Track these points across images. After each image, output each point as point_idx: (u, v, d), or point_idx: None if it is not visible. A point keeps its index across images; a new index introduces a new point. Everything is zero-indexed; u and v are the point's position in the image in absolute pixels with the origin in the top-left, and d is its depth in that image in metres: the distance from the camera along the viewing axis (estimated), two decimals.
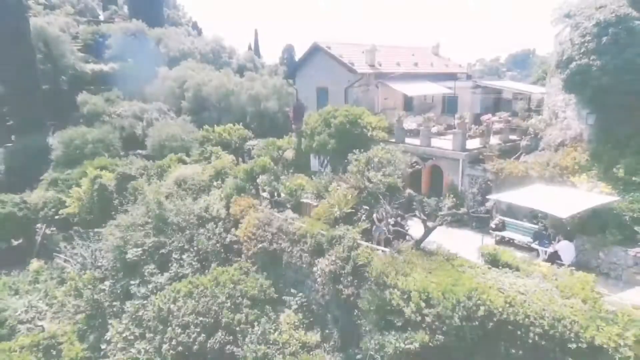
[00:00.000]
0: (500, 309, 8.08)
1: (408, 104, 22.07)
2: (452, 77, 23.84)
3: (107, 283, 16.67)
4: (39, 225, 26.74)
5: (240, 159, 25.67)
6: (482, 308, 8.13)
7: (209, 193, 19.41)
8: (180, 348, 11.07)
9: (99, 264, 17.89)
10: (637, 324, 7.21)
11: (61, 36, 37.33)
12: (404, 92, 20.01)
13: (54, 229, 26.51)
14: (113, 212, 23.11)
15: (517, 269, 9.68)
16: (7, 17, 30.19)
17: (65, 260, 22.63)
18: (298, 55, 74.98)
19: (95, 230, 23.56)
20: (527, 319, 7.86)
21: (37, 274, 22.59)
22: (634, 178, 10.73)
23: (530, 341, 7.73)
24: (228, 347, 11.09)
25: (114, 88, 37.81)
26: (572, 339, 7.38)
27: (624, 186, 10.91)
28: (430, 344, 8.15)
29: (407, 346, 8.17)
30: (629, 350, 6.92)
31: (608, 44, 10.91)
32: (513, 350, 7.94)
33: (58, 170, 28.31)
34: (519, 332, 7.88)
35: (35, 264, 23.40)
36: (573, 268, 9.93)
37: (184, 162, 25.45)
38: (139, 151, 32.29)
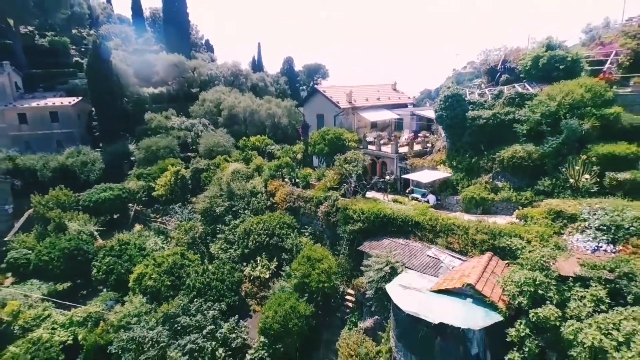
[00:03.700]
0: (388, 214, 21.31)
1: (373, 125, 35.39)
2: (403, 106, 37.24)
3: (200, 228, 29.77)
4: (130, 204, 39.69)
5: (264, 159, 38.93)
6: (382, 214, 21.37)
7: (253, 179, 32.59)
8: (257, 244, 24.32)
9: (194, 219, 31.08)
10: (426, 212, 20.44)
11: (127, 69, 50.31)
12: (369, 119, 33.36)
13: (141, 206, 39.49)
14: (187, 194, 36.51)
15: (403, 204, 23.04)
16: (98, 60, 43.16)
17: (160, 223, 35.72)
18: (297, 66, 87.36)
19: (171, 206, 36.73)
20: (397, 217, 21.06)
21: (139, 233, 35.58)
22: (459, 166, 24.09)
23: (397, 224, 20.97)
24: (279, 243, 24.33)
25: (169, 108, 50.69)
26: (410, 221, 20.62)
27: (455, 170, 24.27)
28: (362, 227, 21.48)
29: (354, 228, 21.54)
30: (425, 221, 20.16)
31: (449, 106, 24.23)
32: (393, 229, 21.21)
33: (140, 167, 41.26)
34: (394, 222, 21.10)
35: (137, 227, 36.40)
36: (431, 205, 23.20)
37: (228, 161, 38.61)
38: (189, 154, 45.36)
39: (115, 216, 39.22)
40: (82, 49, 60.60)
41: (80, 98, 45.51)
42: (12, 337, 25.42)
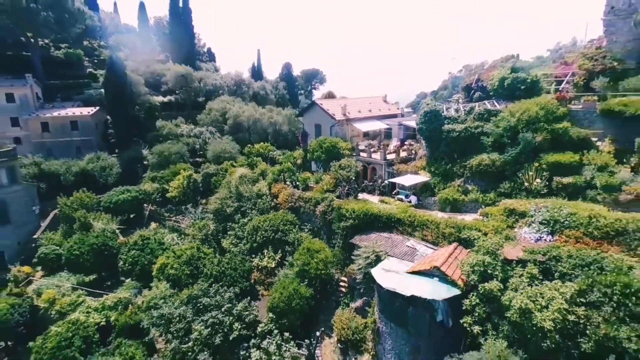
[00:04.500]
0: (375, 212, 25.36)
1: (365, 134, 39.49)
2: (393, 116, 41.37)
3: (212, 226, 33.73)
4: (145, 205, 43.52)
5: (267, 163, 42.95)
6: (370, 212, 25.42)
7: (258, 182, 36.57)
8: (264, 238, 28.32)
9: (206, 218, 35.02)
10: (407, 210, 24.48)
11: (139, 79, 54.26)
12: (362, 129, 37.47)
13: (156, 206, 43.33)
14: (198, 196, 40.44)
15: (388, 203, 27.11)
16: (114, 73, 47.08)
17: (174, 222, 39.62)
18: (295, 71, 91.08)
19: (184, 207, 40.64)
20: (383, 214, 25.11)
21: (155, 230, 39.42)
22: (436, 171, 28.19)
23: (383, 221, 25.03)
24: (283, 237, 28.33)
25: (178, 115, 54.64)
26: (393, 218, 24.65)
27: (433, 175, 28.37)
28: (353, 223, 25.51)
29: (346, 224, 25.57)
30: (405, 218, 24.18)
31: (427, 120, 28.36)
32: (379, 224, 25.24)
33: (154, 171, 45.15)
34: (379, 219, 25.14)
35: (153, 224, 40.29)
36: (413, 205, 27.25)
37: (234, 166, 42.59)
38: (198, 159, 49.31)
39: (131, 216, 43.03)
40: (95, 60, 64.42)
41: (97, 108, 49.41)
42: (50, 320, 29.35)
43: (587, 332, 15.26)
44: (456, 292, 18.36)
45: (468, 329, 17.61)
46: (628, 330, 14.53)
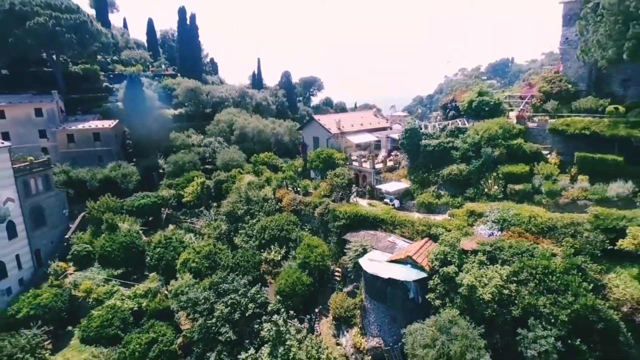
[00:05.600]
0: (363, 214, 30.70)
1: (358, 145, 44.86)
2: (383, 129, 46.77)
3: (225, 226, 38.95)
4: (162, 209, 48.61)
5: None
6: (359, 214, 30.74)
7: (264, 188, 41.84)
8: (271, 236, 33.58)
9: (219, 219, 40.29)
10: (389, 212, 29.83)
11: (153, 95, 59.57)
12: (354, 141, 42.85)
13: (172, 210, 48.47)
14: (210, 200, 45.72)
15: (375, 206, 32.48)
16: (134, 90, 52.37)
17: (190, 223, 44.80)
18: (294, 79, 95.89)
19: (197, 210, 45.87)
20: (369, 215, 30.45)
21: (173, 230, 44.59)
22: (415, 179, 33.57)
23: (370, 221, 30.37)
24: (287, 235, 33.59)
25: (189, 127, 59.98)
26: (378, 218, 29.98)
27: (413, 182, 33.75)
28: (345, 223, 30.83)
29: (340, 223, 30.90)
30: (388, 218, 29.54)
31: (408, 136, 33.75)
32: (366, 224, 30.58)
33: (170, 178, 50.34)
34: (367, 219, 30.47)
35: (171, 227, 45.47)
36: (396, 207, 32.59)
37: (241, 173, 47.90)
38: (207, 166, 54.53)
39: (150, 218, 48.21)
40: (110, 75, 69.66)
41: (117, 121, 54.65)
42: (87, 308, 34.53)
43: (516, 302, 20.54)
44: (424, 275, 23.68)
45: (432, 302, 22.90)
46: (544, 299, 19.82)
